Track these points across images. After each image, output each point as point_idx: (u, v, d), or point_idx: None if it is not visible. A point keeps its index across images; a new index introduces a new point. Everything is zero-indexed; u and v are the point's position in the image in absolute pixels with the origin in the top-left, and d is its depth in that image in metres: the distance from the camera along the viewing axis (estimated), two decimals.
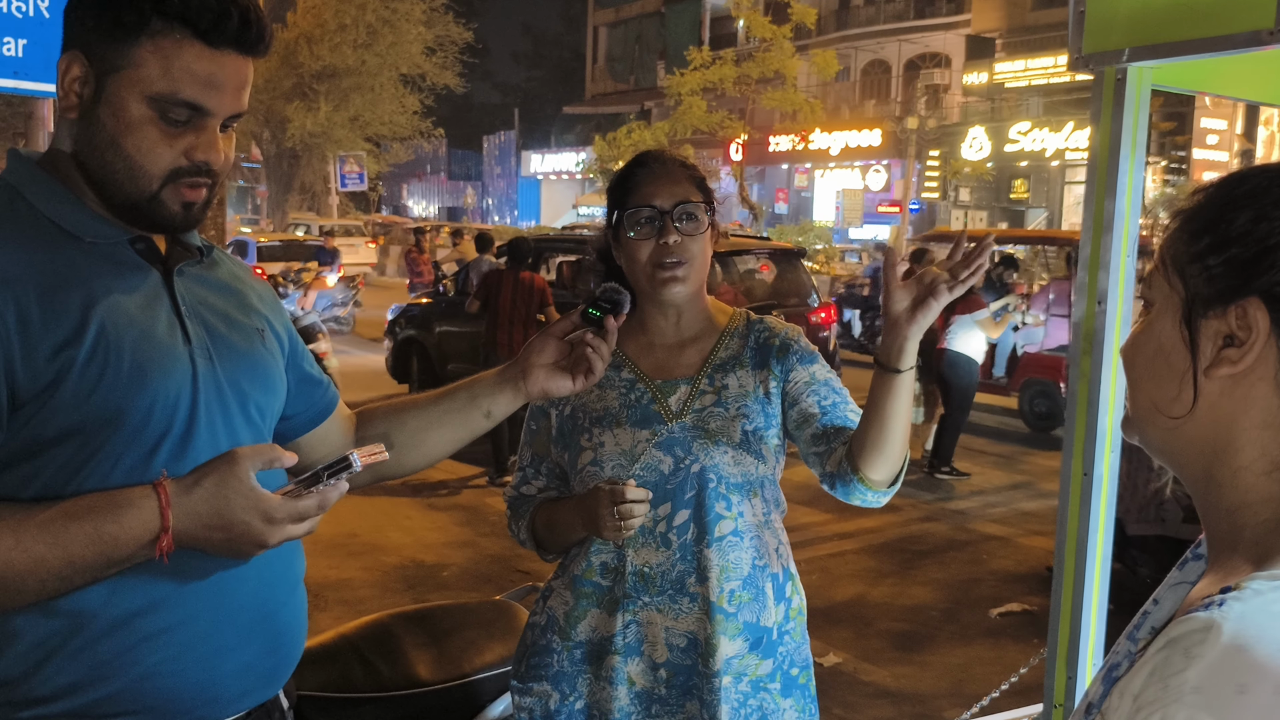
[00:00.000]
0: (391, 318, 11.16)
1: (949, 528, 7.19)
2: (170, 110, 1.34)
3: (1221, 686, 0.74)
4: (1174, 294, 0.92)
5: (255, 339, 1.51)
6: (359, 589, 5.59)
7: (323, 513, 1.37)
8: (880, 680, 4.71)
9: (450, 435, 1.72)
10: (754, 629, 1.87)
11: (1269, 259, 0.85)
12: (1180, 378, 0.90)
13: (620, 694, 1.87)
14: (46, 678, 1.30)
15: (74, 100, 1.36)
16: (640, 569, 1.86)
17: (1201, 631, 0.77)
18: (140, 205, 1.37)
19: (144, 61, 1.32)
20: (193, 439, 1.37)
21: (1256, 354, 0.85)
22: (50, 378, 1.27)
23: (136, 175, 1.35)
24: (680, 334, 1.96)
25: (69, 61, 1.35)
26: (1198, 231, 0.90)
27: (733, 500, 1.87)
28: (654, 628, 1.86)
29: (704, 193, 1.92)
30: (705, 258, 1.92)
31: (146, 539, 1.28)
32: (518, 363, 1.70)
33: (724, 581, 1.85)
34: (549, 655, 1.94)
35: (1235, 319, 0.86)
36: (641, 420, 1.89)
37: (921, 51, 34.56)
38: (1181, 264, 0.91)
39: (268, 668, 1.49)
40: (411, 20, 30.00)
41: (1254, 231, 0.86)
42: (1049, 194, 30.62)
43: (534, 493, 2.01)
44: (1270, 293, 0.85)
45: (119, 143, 1.34)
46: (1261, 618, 0.77)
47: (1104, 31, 1.90)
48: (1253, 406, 0.86)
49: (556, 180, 47.33)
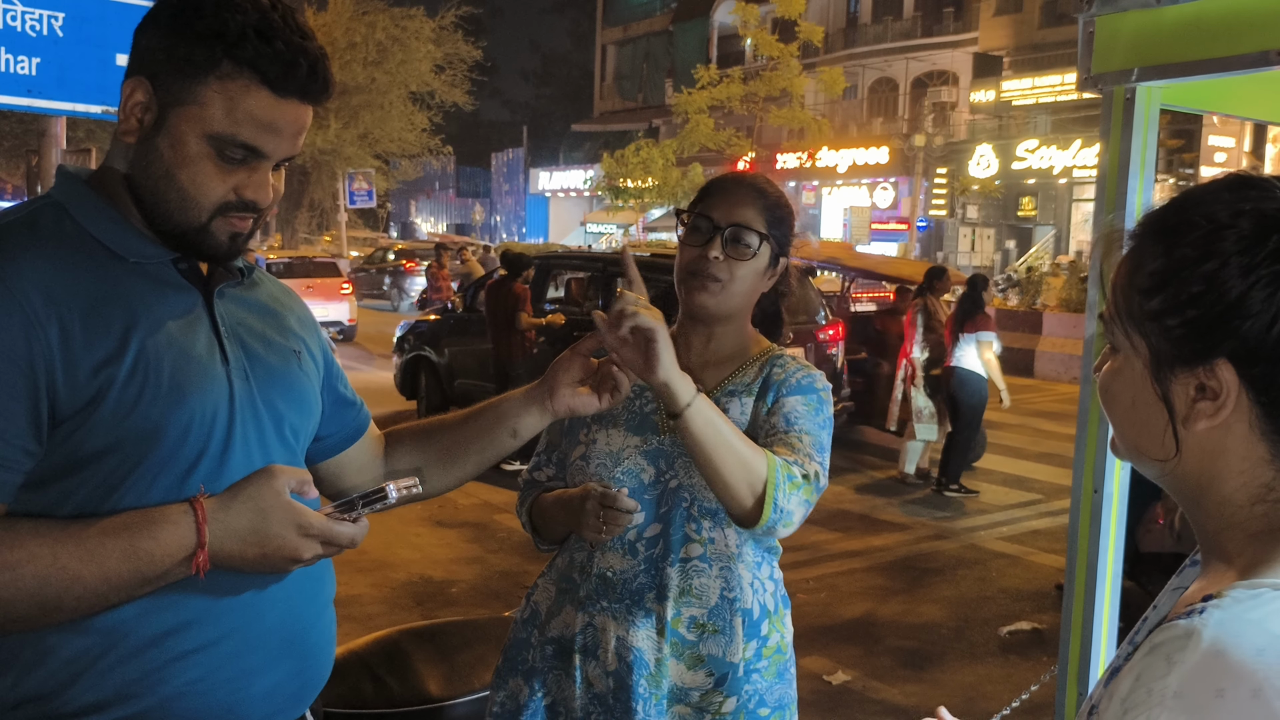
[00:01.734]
0: (400, 334, 11.17)
1: (958, 545, 7.17)
2: (227, 149, 1.35)
3: (1200, 691, 0.77)
4: (1137, 350, 0.93)
5: (292, 360, 1.52)
6: (368, 605, 5.59)
7: (353, 546, 1.39)
8: (890, 698, 4.70)
9: (477, 457, 1.72)
10: (719, 664, 1.83)
11: (1229, 322, 0.86)
12: (1160, 428, 0.92)
13: (579, 693, 1.86)
14: (77, 694, 1.31)
15: (134, 125, 1.37)
16: (604, 572, 1.85)
17: (1182, 638, 0.80)
18: (188, 234, 1.39)
19: (210, 101, 1.33)
20: (228, 458, 1.38)
21: (1231, 407, 0.88)
22: (90, 395, 1.28)
23: (188, 206, 1.37)
24: (707, 356, 1.94)
25: (134, 87, 1.36)
26: (1149, 290, 0.91)
27: (704, 525, 1.84)
28: (607, 634, 1.84)
29: (773, 226, 1.89)
30: (747, 286, 1.89)
31: (182, 555, 1.29)
32: (545, 381, 1.70)
33: (683, 605, 1.82)
34: (525, 650, 1.94)
35: (1204, 376, 0.88)
36: (637, 426, 1.89)
37: (929, 69, 34.63)
38: (1138, 320, 0.92)
39: (295, 689, 1.49)
40: (421, 38, 30.15)
41: (1208, 294, 0.87)
42: (1056, 211, 30.62)
43: (543, 480, 2.02)
44: (1235, 355, 0.86)
45: (174, 174, 1.36)
46: (1239, 625, 0.80)
47: (1112, 52, 1.91)
48: (1233, 447, 0.89)
49: (564, 197, 47.46)
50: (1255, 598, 0.82)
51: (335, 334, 16.58)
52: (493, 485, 8.05)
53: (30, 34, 4.70)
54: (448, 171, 54.31)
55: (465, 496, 7.88)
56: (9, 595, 1.22)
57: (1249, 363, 0.86)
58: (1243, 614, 0.81)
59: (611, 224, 39.77)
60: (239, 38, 1.32)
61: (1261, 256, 0.85)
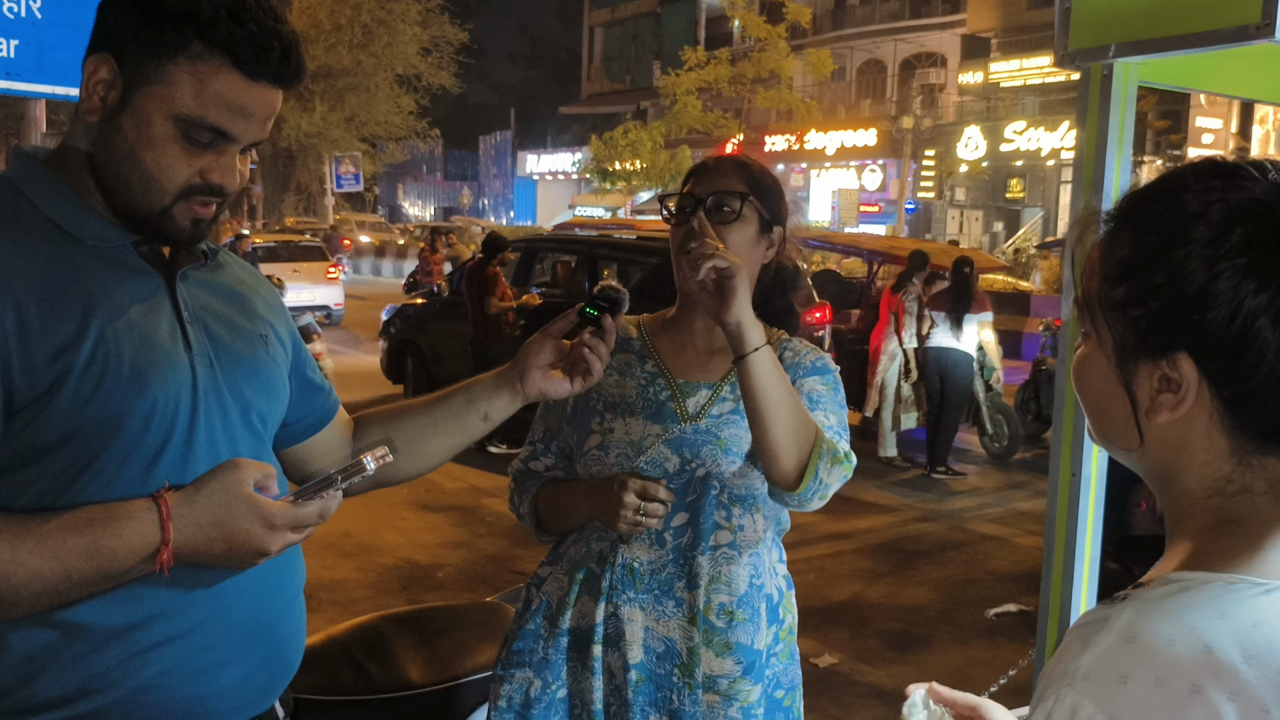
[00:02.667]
0: (386, 318, 11.14)
1: (945, 528, 7.19)
2: (195, 132, 1.32)
3: (1107, 675, 0.79)
4: (1103, 338, 0.92)
5: (259, 345, 1.49)
6: (353, 590, 5.58)
7: (322, 521, 1.36)
8: (876, 680, 4.71)
9: (448, 440, 1.69)
10: (747, 651, 1.83)
11: (1189, 316, 0.85)
12: (1124, 418, 0.92)
13: (600, 685, 1.85)
14: (38, 689, 1.28)
15: (96, 103, 1.33)
16: (630, 563, 1.84)
17: (1100, 622, 0.82)
18: (150, 218, 1.35)
19: (178, 81, 1.30)
20: (193, 447, 1.35)
21: (1191, 400, 0.87)
22: (49, 382, 1.25)
23: (151, 189, 1.34)
24: (712, 341, 1.91)
25: (97, 64, 1.32)
26: (1115, 278, 0.90)
27: (734, 512, 1.84)
28: (634, 625, 1.83)
29: (757, 191, 1.86)
30: (741, 252, 1.81)
31: (146, 553, 1.26)
32: (516, 364, 1.68)
33: (713, 593, 1.82)
34: (535, 641, 1.91)
35: (1166, 368, 0.88)
36: (655, 415, 1.86)
37: (917, 51, 34.57)
38: (1105, 309, 0.92)
39: (264, 680, 1.47)
40: (407, 21, 30.00)
41: (1170, 286, 0.86)
42: (1045, 193, 30.64)
43: (541, 469, 1.99)
44: (1195, 348, 0.86)
45: (138, 155, 1.33)
46: (1156, 614, 0.81)
47: (1090, 28, 1.89)
48: (1194, 440, 0.89)
49: (553, 180, 47.33)
50: (1182, 589, 0.83)
51: (322, 318, 16.49)
52: (480, 469, 8.04)
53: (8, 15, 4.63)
54: (435, 155, 54.06)
55: (452, 480, 7.86)
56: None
57: (1208, 357, 0.85)
58: (1162, 604, 0.82)
59: (600, 207, 39.70)
60: (212, 18, 1.29)
61: (1225, 249, 0.83)
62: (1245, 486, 0.87)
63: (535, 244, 10.50)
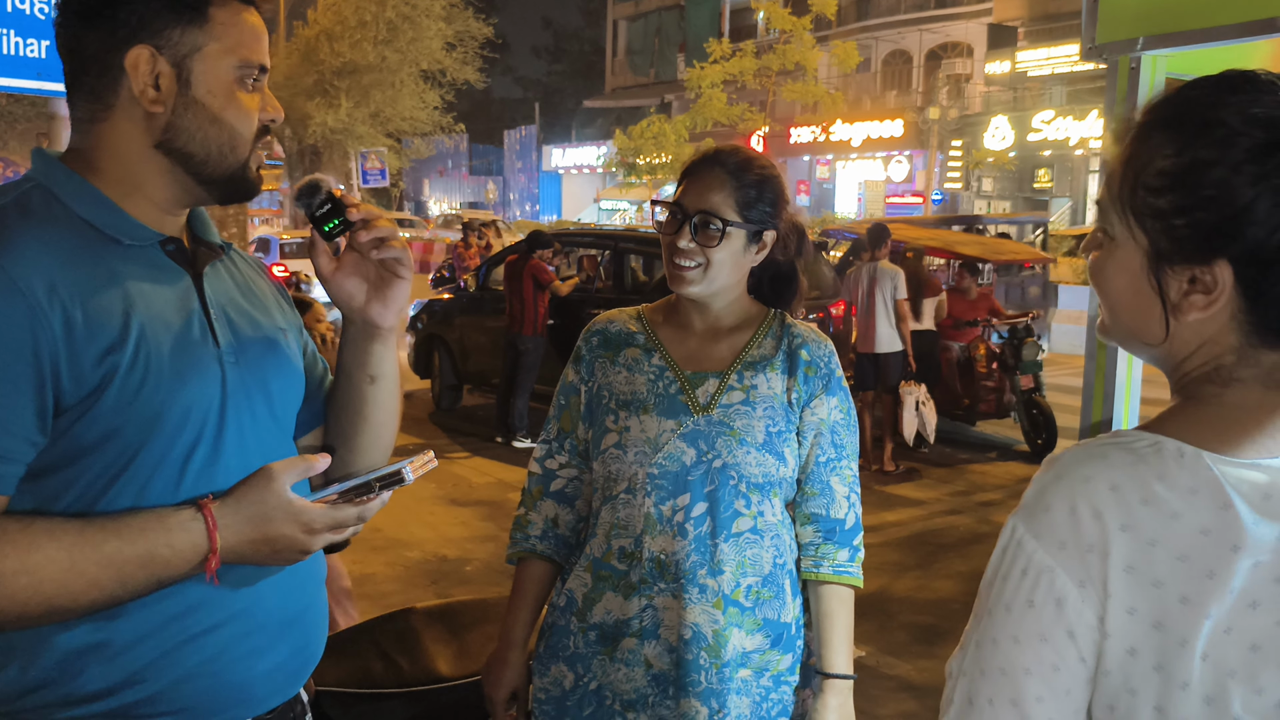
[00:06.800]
0: (413, 313, 11.15)
1: (972, 520, 7.16)
2: (247, 74, 1.39)
3: (1036, 504, 0.95)
4: (1136, 241, 0.98)
5: (280, 339, 1.51)
6: (382, 584, 5.63)
7: (362, 523, 1.41)
8: (903, 674, 4.70)
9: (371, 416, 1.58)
10: (774, 625, 1.89)
11: (1237, 227, 0.91)
12: (1153, 314, 0.99)
13: (637, 675, 1.88)
14: (86, 681, 1.31)
15: (154, 94, 1.35)
16: (657, 556, 1.87)
17: (1047, 464, 0.97)
18: (236, 176, 1.41)
19: (221, 34, 1.36)
20: (222, 443, 1.38)
21: (1223, 303, 0.94)
22: (95, 383, 1.27)
23: (237, 144, 1.39)
24: (709, 324, 1.98)
25: (136, 58, 1.33)
26: (1157, 189, 0.95)
27: (753, 499, 1.88)
28: (670, 613, 1.87)
29: (745, 207, 1.89)
30: (727, 268, 1.91)
31: (196, 560, 1.31)
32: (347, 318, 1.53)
33: (741, 577, 1.86)
34: (566, 636, 1.95)
35: (1200, 272, 0.94)
36: (668, 410, 1.89)
37: (943, 41, 34.34)
38: (1142, 215, 0.97)
39: (295, 667, 1.50)
40: (432, 16, 30.00)
41: (1218, 199, 0.91)
42: (1073, 183, 30.39)
43: (556, 468, 2.03)
44: (1236, 257, 0.92)
45: (221, 118, 1.38)
46: (1086, 458, 0.94)
47: (1117, 21, 1.88)
48: (1213, 335, 0.97)
49: (578, 174, 47.34)
50: (1112, 439, 0.95)
51: None
52: (507, 464, 8.08)
53: (39, 16, 4.69)
54: (460, 150, 54.13)
55: (480, 475, 7.90)
56: (26, 598, 1.22)
57: (1247, 265, 0.92)
58: (1091, 450, 0.95)
59: (625, 200, 39.68)
60: None
61: (1271, 166, 0.89)
62: (1237, 375, 0.96)
63: (561, 238, 10.50)
